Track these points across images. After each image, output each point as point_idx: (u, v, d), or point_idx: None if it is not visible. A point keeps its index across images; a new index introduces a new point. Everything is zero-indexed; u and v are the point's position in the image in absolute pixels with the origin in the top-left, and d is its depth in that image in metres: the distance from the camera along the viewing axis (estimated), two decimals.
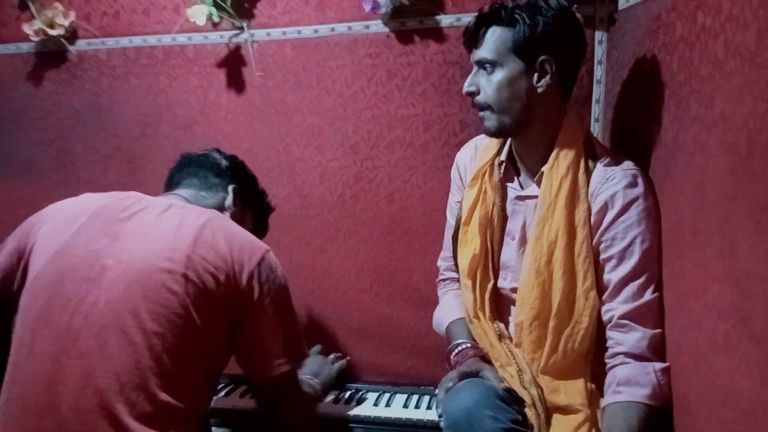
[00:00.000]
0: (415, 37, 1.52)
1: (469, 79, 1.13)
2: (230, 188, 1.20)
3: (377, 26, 1.53)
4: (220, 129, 1.67)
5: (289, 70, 1.61)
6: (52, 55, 1.75)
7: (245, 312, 0.99)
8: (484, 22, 1.10)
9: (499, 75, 1.09)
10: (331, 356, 1.54)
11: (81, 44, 1.73)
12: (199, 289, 0.94)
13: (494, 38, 1.09)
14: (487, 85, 1.10)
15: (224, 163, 1.24)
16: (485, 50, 1.10)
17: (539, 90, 1.09)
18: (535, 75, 1.08)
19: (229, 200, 1.19)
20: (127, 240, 0.97)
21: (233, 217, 1.18)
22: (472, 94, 1.13)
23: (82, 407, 0.87)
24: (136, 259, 0.94)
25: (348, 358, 1.60)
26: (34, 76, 1.78)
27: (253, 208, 1.30)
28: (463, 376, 1.10)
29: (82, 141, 1.78)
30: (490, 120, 1.13)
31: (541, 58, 1.07)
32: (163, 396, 0.89)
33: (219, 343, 0.99)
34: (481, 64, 1.11)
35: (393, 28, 1.52)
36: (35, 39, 1.70)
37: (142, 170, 1.74)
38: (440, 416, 1.06)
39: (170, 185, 1.22)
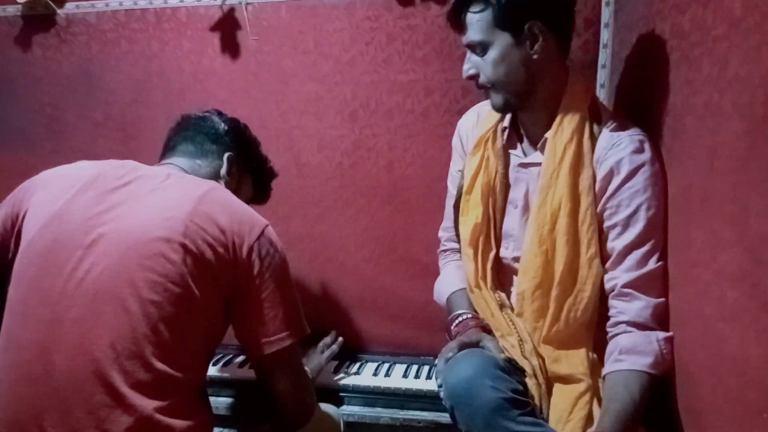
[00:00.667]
0: None
1: (465, 64, 1.12)
2: (226, 156, 1.17)
3: None
4: (214, 95, 1.63)
5: (285, 34, 1.56)
6: (39, 18, 1.69)
7: (245, 286, 0.97)
8: (460, 6, 1.09)
9: (492, 53, 1.07)
10: (320, 344, 1.52)
11: (69, 7, 1.67)
12: (197, 260, 0.92)
13: (475, 19, 1.07)
14: (484, 65, 1.09)
15: (222, 127, 1.20)
16: (471, 33, 1.08)
17: (535, 57, 1.06)
18: (527, 42, 1.06)
19: (224, 169, 1.16)
20: (123, 208, 0.95)
21: (228, 186, 1.15)
22: (473, 77, 1.11)
23: (76, 374, 0.86)
24: (132, 227, 0.92)
25: (341, 339, 1.57)
26: (21, 40, 1.72)
27: (253, 175, 1.25)
28: (463, 346, 1.09)
29: (74, 108, 1.74)
30: (496, 97, 1.12)
31: (527, 24, 1.04)
32: (159, 365, 0.88)
33: (216, 314, 0.97)
34: (472, 47, 1.10)
35: None
36: (21, 1, 1.64)
37: (134, 138, 1.70)
38: (440, 386, 1.05)
39: (166, 149, 1.19)
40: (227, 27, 1.59)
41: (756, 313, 0.69)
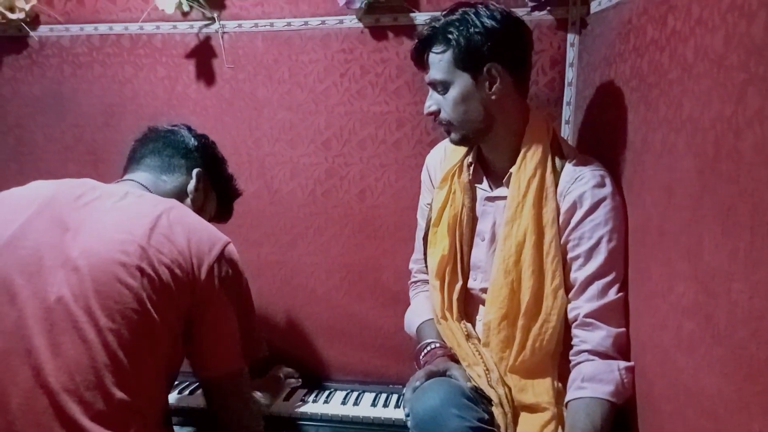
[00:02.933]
0: (389, 33, 1.51)
1: (428, 101, 1.16)
2: (195, 172, 1.14)
3: (351, 21, 1.52)
4: (188, 121, 1.58)
5: (260, 63, 1.58)
6: (11, 39, 1.68)
7: (203, 306, 0.96)
8: (423, 46, 1.14)
9: (452, 93, 1.11)
10: (282, 372, 1.51)
11: (43, 30, 1.67)
12: (155, 283, 0.90)
13: (437, 60, 1.11)
14: (445, 103, 1.13)
15: (192, 142, 1.18)
16: (433, 72, 1.13)
17: (493, 97, 1.11)
18: (486, 83, 1.10)
19: (192, 185, 1.14)
20: (79, 231, 0.92)
21: (195, 203, 1.13)
22: (434, 114, 1.15)
23: (32, 408, 0.83)
24: (88, 252, 0.90)
25: (298, 377, 1.55)
26: None
27: (218, 193, 1.23)
28: (431, 375, 1.10)
29: (42, 130, 1.72)
30: (455, 134, 1.16)
31: (486, 66, 1.09)
32: (120, 394, 0.86)
33: (176, 338, 0.96)
34: (434, 85, 1.14)
35: (367, 24, 1.51)
36: None
37: (104, 162, 1.68)
38: (407, 415, 1.06)
39: (131, 161, 1.15)
40: (202, 54, 1.60)
41: (709, 345, 0.72)
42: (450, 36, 1.09)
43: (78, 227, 0.93)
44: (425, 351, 1.20)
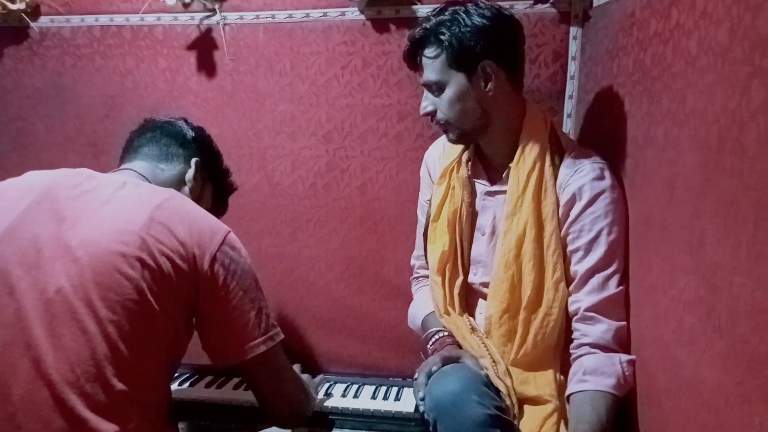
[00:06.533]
0: (391, 26, 1.50)
1: (423, 101, 1.15)
2: (193, 161, 1.14)
3: (353, 13, 1.51)
4: (189, 113, 1.59)
5: (262, 55, 1.58)
6: (12, 30, 1.67)
7: (210, 298, 0.95)
8: (415, 48, 1.13)
9: (448, 93, 1.11)
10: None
11: (44, 21, 1.66)
12: (155, 274, 0.89)
13: (430, 61, 1.11)
14: (440, 103, 1.13)
15: (190, 134, 1.17)
16: (427, 73, 1.12)
17: (490, 94, 1.10)
18: (481, 81, 1.10)
19: (190, 174, 1.13)
20: (76, 222, 0.91)
21: (192, 192, 1.13)
22: (430, 114, 1.15)
23: (33, 400, 0.83)
24: (87, 243, 0.89)
25: (323, 375, 1.57)
26: None
27: (214, 186, 1.23)
28: (447, 360, 1.09)
29: (44, 121, 1.71)
30: (452, 133, 1.16)
31: (481, 63, 1.08)
32: (120, 386, 0.86)
33: (178, 329, 0.95)
34: (428, 86, 1.13)
35: (369, 16, 1.50)
36: None
37: (105, 153, 1.68)
38: (422, 399, 1.04)
39: (129, 150, 1.15)
40: (204, 46, 1.60)
41: (710, 338, 0.72)
42: (442, 37, 1.08)
43: (76, 218, 0.92)
44: (433, 339, 1.20)
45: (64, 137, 1.71)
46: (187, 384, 1.52)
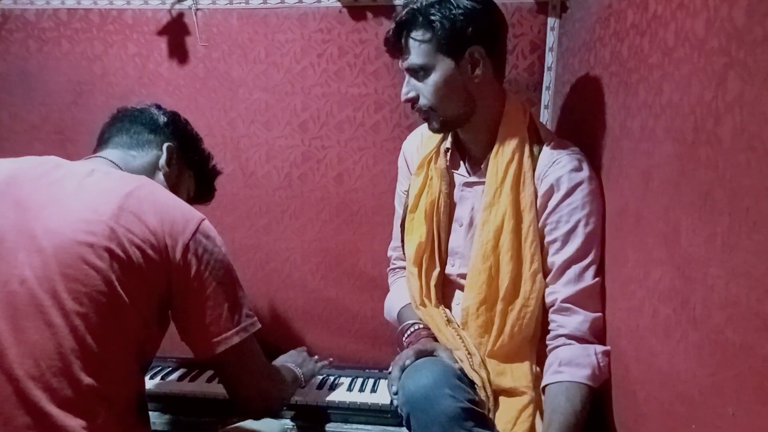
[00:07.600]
0: (368, 13, 1.48)
1: (405, 87, 1.12)
2: (165, 146, 1.10)
3: (329, 0, 1.48)
4: (160, 100, 1.53)
5: (235, 42, 1.54)
6: None
7: (183, 288, 0.93)
8: (403, 29, 1.09)
9: (434, 77, 1.08)
10: (315, 357, 1.49)
11: (6, 2, 1.60)
12: (125, 265, 0.87)
13: (417, 43, 1.08)
14: (425, 88, 1.10)
15: (162, 119, 1.14)
16: (414, 57, 1.09)
17: (476, 80, 1.09)
18: (468, 66, 1.08)
19: (163, 159, 1.10)
20: (41, 211, 0.88)
21: (167, 179, 1.10)
22: (412, 101, 1.12)
23: None
24: (52, 233, 0.86)
25: (331, 359, 1.53)
26: None
27: (195, 171, 1.20)
28: (420, 354, 1.09)
29: (7, 109, 1.66)
30: (435, 121, 1.13)
31: (470, 49, 1.07)
32: (88, 380, 0.83)
33: (148, 322, 0.93)
34: (413, 70, 1.10)
35: (346, 3, 1.48)
36: None
37: (72, 141, 1.63)
38: (395, 393, 1.04)
39: (100, 141, 1.12)
40: (175, 32, 1.56)
41: (685, 329, 0.72)
42: (432, 18, 1.05)
43: (41, 207, 0.89)
44: (409, 332, 1.20)
45: (29, 125, 1.65)
46: (158, 377, 1.49)
